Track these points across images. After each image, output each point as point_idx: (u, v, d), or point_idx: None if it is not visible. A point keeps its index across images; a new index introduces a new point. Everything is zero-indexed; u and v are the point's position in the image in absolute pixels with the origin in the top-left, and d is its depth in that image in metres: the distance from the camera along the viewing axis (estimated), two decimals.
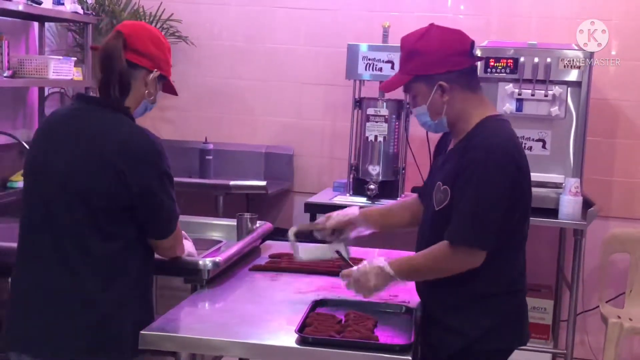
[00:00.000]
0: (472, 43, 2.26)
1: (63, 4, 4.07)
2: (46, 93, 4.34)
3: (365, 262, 2.26)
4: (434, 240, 2.22)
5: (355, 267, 2.27)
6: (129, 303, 2.12)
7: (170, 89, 2.41)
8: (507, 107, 3.89)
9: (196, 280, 2.45)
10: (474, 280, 2.19)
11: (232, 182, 4.41)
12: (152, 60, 2.20)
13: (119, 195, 2.06)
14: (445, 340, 2.25)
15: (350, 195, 4.19)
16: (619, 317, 3.97)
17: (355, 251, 2.74)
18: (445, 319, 2.25)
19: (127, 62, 2.14)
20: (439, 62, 2.21)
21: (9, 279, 2.23)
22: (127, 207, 2.09)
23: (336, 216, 2.55)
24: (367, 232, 2.58)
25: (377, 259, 2.25)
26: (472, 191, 2.13)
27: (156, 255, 2.26)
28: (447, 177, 2.22)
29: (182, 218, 3.05)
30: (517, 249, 2.30)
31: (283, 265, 2.69)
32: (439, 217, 2.22)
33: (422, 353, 2.34)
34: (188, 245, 2.46)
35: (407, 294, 2.43)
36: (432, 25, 2.30)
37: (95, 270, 2.07)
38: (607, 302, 4.21)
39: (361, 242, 2.79)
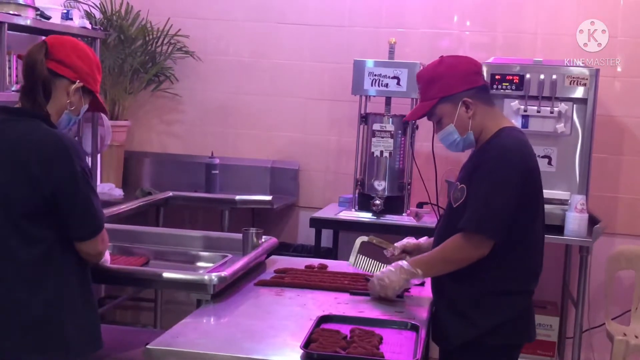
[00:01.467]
0: (481, 65, 2.54)
1: (71, 19, 4.10)
2: None
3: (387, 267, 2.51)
4: (449, 236, 2.40)
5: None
6: (67, 304, 2.17)
7: (98, 107, 2.44)
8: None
9: (201, 295, 2.45)
10: (493, 276, 2.39)
11: (237, 197, 4.41)
12: (75, 72, 2.25)
13: (34, 200, 2.12)
14: (460, 329, 2.41)
15: (356, 210, 4.19)
16: (625, 335, 3.96)
17: None
18: (464, 310, 2.40)
19: (48, 71, 2.20)
20: (460, 81, 2.46)
21: None
22: (47, 211, 2.13)
23: (407, 240, 2.76)
24: None
25: (399, 261, 2.48)
26: (486, 186, 2.35)
27: (160, 271, 2.27)
28: (464, 177, 2.46)
29: (189, 232, 3.06)
30: (532, 249, 2.46)
31: (288, 280, 2.69)
32: (455, 213, 2.41)
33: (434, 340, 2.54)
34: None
35: (412, 310, 2.43)
36: (442, 56, 2.54)
37: (22, 275, 2.13)
38: (613, 319, 4.19)
39: None
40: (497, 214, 2.33)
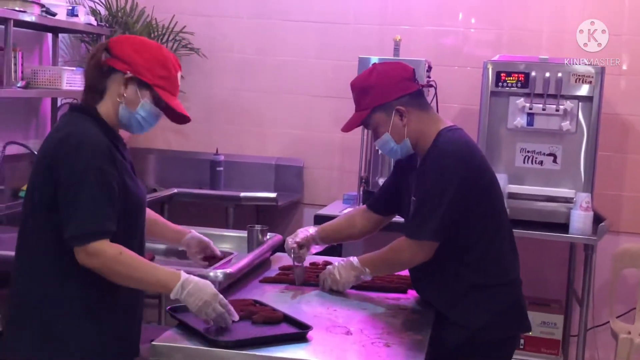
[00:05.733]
0: (413, 70, 2.52)
1: (77, 15, 4.11)
2: (59, 103, 4.37)
3: (337, 261, 2.57)
4: None
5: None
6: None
7: (173, 114, 2.34)
8: (518, 121, 3.90)
9: None
10: (465, 271, 2.41)
11: (242, 194, 4.42)
12: (128, 64, 2.15)
13: (47, 188, 2.05)
14: (449, 333, 2.39)
15: None
16: (630, 333, 3.95)
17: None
18: (447, 312, 2.41)
19: (107, 69, 2.16)
20: (391, 89, 2.45)
21: None
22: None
23: (301, 234, 2.79)
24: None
25: (350, 257, 2.53)
26: (423, 194, 2.42)
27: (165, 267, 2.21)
28: (416, 190, 2.47)
29: (194, 229, 3.04)
30: (497, 241, 2.46)
31: (293, 277, 2.69)
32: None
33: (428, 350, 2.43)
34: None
35: (418, 306, 2.44)
36: (374, 64, 2.58)
37: (33, 272, 2.09)
38: (617, 317, 4.19)
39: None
40: (431, 219, 2.36)
